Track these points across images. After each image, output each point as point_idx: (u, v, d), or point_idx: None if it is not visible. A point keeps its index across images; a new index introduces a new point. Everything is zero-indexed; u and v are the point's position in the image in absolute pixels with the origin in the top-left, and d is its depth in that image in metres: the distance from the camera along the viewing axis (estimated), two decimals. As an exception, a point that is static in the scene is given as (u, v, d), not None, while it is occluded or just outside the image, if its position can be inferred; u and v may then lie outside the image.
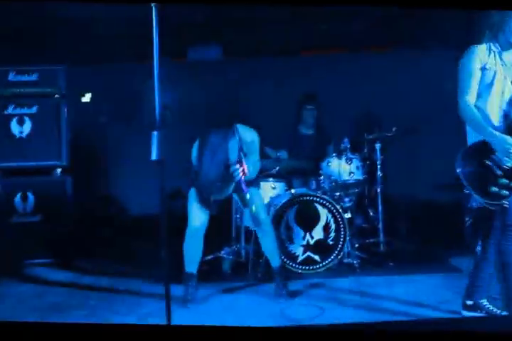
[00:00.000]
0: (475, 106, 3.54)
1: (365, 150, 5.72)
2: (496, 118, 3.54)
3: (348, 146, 5.32)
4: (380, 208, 5.61)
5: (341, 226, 5.08)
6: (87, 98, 6.09)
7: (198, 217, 4.33)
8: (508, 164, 3.41)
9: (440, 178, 6.90)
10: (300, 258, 5.04)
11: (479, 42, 3.62)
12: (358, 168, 5.37)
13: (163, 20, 3.41)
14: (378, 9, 5.27)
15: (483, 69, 3.55)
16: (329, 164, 5.37)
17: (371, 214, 5.88)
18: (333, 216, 5.09)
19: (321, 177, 5.42)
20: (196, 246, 4.36)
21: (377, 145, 5.60)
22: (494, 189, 3.41)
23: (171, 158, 3.14)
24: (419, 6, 3.77)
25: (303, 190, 5.27)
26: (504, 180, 3.41)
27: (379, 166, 5.61)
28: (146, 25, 4.00)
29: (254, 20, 5.65)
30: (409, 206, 6.26)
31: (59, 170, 5.54)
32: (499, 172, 3.43)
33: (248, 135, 4.38)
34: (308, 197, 5.12)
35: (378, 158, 5.60)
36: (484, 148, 3.48)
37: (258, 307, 4.20)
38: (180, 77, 6.54)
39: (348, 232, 5.10)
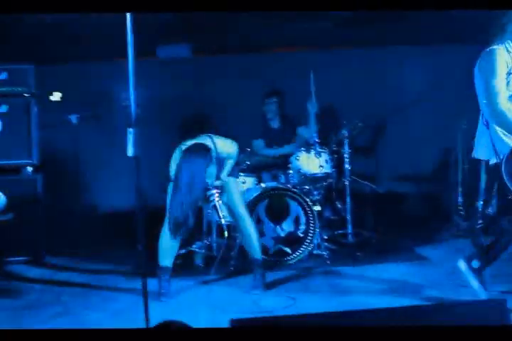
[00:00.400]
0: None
1: (333, 144, 5.83)
2: None
3: (317, 140, 5.43)
4: (348, 200, 5.74)
5: (311, 218, 5.19)
6: (56, 97, 6.06)
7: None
8: None
9: (405, 170, 7.11)
10: (271, 251, 5.14)
11: (490, 43, 3.54)
12: (326, 161, 5.46)
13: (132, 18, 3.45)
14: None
15: (509, 73, 3.47)
16: (298, 158, 5.46)
17: (339, 206, 6.00)
18: (303, 209, 5.20)
19: (291, 171, 5.51)
20: (172, 241, 4.39)
21: (345, 139, 5.71)
22: None
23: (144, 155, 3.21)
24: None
25: (273, 184, 5.36)
26: None
27: (347, 159, 5.73)
28: (115, 24, 4.02)
29: (223, 19, 5.69)
30: (375, 197, 6.39)
31: (30, 169, 5.54)
32: None
33: (226, 150, 4.46)
34: (278, 191, 5.22)
35: (346, 151, 5.71)
36: None
37: (231, 299, 4.28)
38: (150, 74, 6.59)
39: (317, 224, 5.20)
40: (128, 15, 2.97)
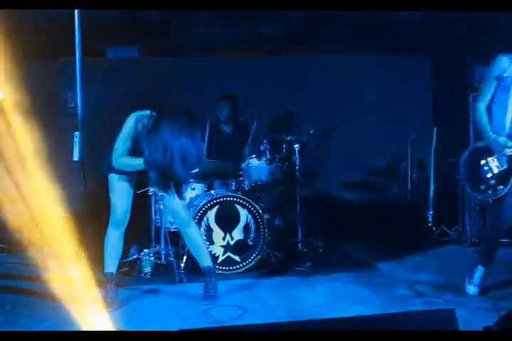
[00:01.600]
0: (491, 110, 3.86)
1: (284, 152, 5.79)
2: (508, 124, 3.85)
3: (268, 147, 5.40)
4: (298, 208, 5.71)
5: (261, 226, 5.14)
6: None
7: (120, 207, 4.20)
8: (501, 168, 3.84)
9: (355, 178, 7.14)
10: (220, 259, 5.05)
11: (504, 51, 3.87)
12: (277, 168, 5.44)
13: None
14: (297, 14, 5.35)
15: (500, 77, 3.81)
16: (249, 165, 5.42)
17: (289, 214, 5.96)
18: (253, 216, 5.14)
19: (241, 178, 5.45)
20: (118, 242, 4.26)
21: (296, 147, 5.68)
22: (483, 187, 3.94)
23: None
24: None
25: (223, 191, 5.29)
26: (492, 181, 3.90)
27: (297, 167, 5.70)
28: (59, 23, 3.88)
29: (172, 22, 5.63)
30: (325, 206, 6.39)
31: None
32: (490, 174, 3.90)
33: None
34: (228, 198, 5.14)
35: (297, 159, 5.69)
36: (486, 150, 3.92)
37: (179, 308, 4.18)
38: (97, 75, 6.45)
39: (267, 232, 5.16)
40: (76, 18, 2.86)
